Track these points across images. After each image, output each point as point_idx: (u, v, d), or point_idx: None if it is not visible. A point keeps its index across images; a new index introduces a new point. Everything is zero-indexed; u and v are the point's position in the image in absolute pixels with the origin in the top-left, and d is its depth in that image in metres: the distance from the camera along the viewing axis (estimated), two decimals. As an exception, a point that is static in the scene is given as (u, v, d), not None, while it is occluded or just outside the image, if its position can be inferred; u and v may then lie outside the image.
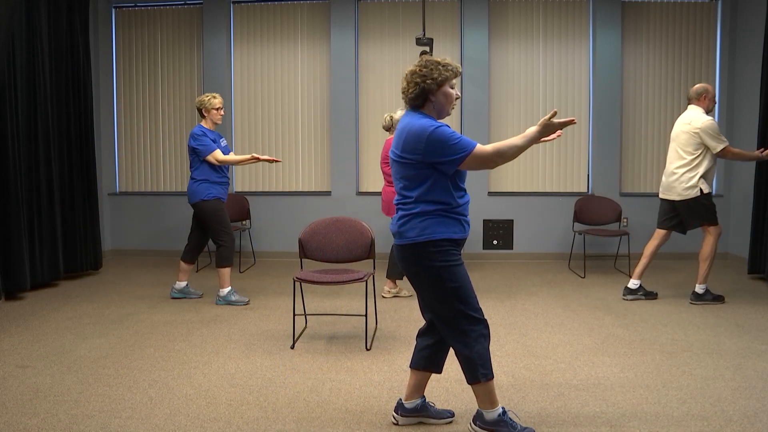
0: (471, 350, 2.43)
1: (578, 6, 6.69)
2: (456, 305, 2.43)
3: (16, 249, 4.90)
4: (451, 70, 2.48)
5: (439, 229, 2.40)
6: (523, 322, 4.26)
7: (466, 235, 2.51)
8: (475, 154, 2.35)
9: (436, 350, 2.61)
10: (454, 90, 2.52)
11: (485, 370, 2.44)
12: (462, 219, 2.48)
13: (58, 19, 5.59)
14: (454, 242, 2.45)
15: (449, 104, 2.52)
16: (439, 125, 2.39)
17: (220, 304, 4.75)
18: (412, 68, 2.47)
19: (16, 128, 4.97)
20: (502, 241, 6.75)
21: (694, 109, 4.65)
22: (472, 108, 6.64)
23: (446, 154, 2.35)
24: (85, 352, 3.62)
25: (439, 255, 2.40)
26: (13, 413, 2.77)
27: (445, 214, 2.42)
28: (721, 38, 6.59)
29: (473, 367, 2.44)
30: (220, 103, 4.75)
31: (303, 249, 3.94)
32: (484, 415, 2.52)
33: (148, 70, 6.97)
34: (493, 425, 2.50)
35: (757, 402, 2.87)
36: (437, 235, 2.40)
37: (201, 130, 4.67)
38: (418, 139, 2.36)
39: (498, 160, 2.38)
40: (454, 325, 2.45)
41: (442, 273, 2.41)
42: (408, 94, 2.47)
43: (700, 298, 4.68)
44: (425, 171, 2.40)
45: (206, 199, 4.68)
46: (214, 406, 2.87)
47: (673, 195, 4.69)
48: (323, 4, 6.80)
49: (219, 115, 4.75)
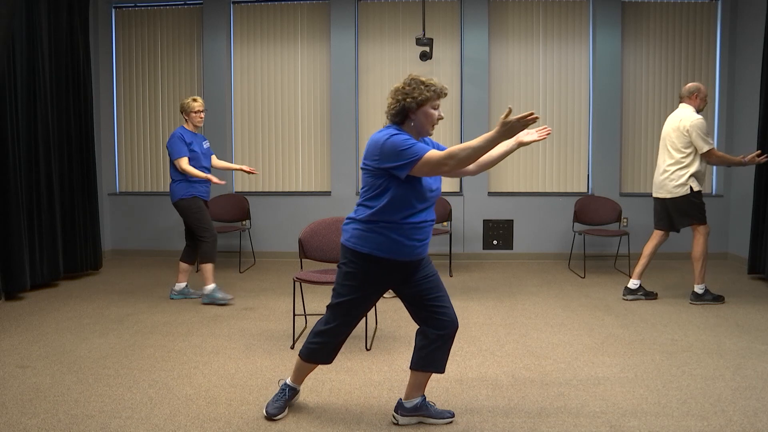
0: (306, 343, 2.70)
1: (578, 6, 6.69)
2: (333, 306, 2.61)
3: (16, 249, 4.90)
4: (433, 90, 2.48)
5: (365, 243, 2.49)
6: (523, 322, 4.26)
7: (398, 259, 2.50)
8: (425, 159, 2.36)
9: (433, 349, 2.60)
10: (437, 111, 2.52)
11: (304, 354, 2.70)
12: (399, 239, 2.47)
13: (58, 18, 5.58)
14: (376, 260, 2.49)
15: (429, 124, 2.52)
16: (396, 133, 2.43)
17: (206, 302, 4.76)
18: (397, 85, 2.51)
19: (16, 128, 4.97)
20: (502, 241, 6.75)
21: (685, 108, 4.65)
22: (472, 108, 6.64)
23: (398, 159, 2.38)
24: (85, 352, 3.62)
25: (351, 264, 2.53)
26: (13, 413, 2.77)
27: (378, 229, 2.47)
28: (721, 38, 6.59)
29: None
30: (199, 106, 4.79)
31: (303, 249, 3.94)
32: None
33: (148, 70, 6.97)
34: None
35: (757, 402, 2.87)
36: (360, 249, 2.50)
37: (179, 133, 4.74)
38: (376, 145, 2.44)
39: (450, 162, 2.33)
40: (328, 313, 2.64)
41: (342, 275, 2.56)
42: (389, 110, 2.51)
43: (700, 298, 4.68)
44: (382, 180, 2.45)
45: (184, 198, 4.74)
46: (214, 406, 2.86)
47: (664, 193, 4.70)
48: (323, 4, 6.80)
49: (198, 117, 4.80)
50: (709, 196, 6.68)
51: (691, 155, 4.56)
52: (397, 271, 2.56)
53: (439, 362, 2.64)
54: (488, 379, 3.19)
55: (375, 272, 2.52)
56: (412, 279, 2.60)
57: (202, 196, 4.81)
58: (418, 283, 2.60)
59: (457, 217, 6.66)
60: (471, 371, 3.31)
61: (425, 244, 2.57)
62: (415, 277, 2.60)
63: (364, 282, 2.54)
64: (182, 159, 4.68)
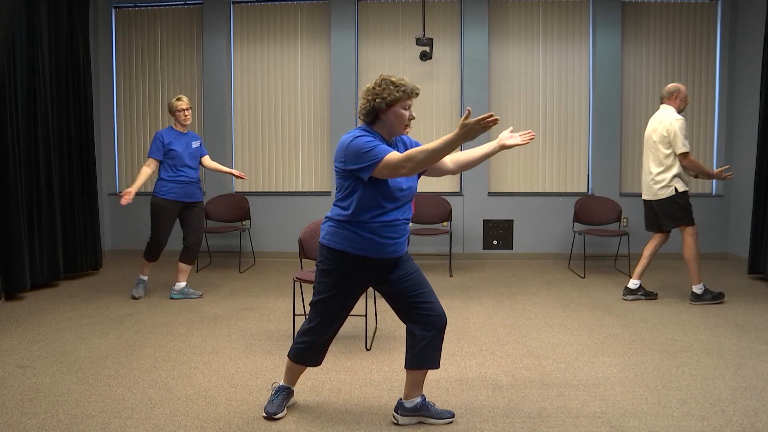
0: (294, 344, 2.74)
1: (578, 6, 6.69)
2: (313, 303, 2.63)
3: (16, 249, 4.90)
4: (403, 91, 2.48)
5: (338, 240, 2.52)
6: (523, 322, 4.26)
7: (371, 256, 2.51)
8: (384, 161, 2.38)
9: (423, 346, 2.60)
10: (408, 111, 2.51)
11: (292, 355, 2.74)
12: (370, 237, 2.49)
13: (58, 18, 5.58)
14: (348, 257, 2.52)
15: (400, 125, 2.52)
16: (360, 135, 2.45)
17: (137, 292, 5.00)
18: (368, 85, 2.53)
19: (16, 128, 4.97)
20: (502, 241, 6.76)
21: (666, 109, 4.68)
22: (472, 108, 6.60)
23: (360, 162, 2.41)
24: (85, 352, 3.62)
25: (326, 260, 2.57)
26: (13, 413, 2.77)
27: (349, 226, 2.50)
28: (721, 38, 6.59)
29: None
30: (184, 104, 4.83)
31: (303, 249, 3.94)
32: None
33: (148, 70, 6.97)
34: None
35: (757, 402, 2.87)
36: (332, 245, 2.53)
37: (160, 133, 4.87)
38: (342, 147, 2.49)
39: (407, 165, 2.34)
40: (311, 311, 2.67)
41: (320, 273, 2.60)
42: (361, 111, 2.53)
43: (700, 299, 4.68)
44: (349, 181, 2.49)
45: (156, 195, 4.84)
46: (214, 406, 2.87)
47: (650, 195, 4.73)
48: (323, 4, 6.80)
49: (183, 116, 4.84)
50: (709, 196, 6.70)
51: (672, 156, 4.58)
52: (372, 269, 2.57)
53: (432, 358, 2.62)
54: (488, 379, 3.19)
55: (349, 269, 2.55)
56: (390, 277, 2.60)
57: (172, 197, 4.82)
58: (399, 281, 2.60)
59: (457, 217, 6.66)
60: (471, 371, 3.31)
61: (400, 242, 2.57)
62: (394, 275, 2.60)
63: (340, 279, 2.56)
64: (149, 160, 4.84)
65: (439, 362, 2.66)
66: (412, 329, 2.62)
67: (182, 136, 4.87)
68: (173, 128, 4.89)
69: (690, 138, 6.74)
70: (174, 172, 4.82)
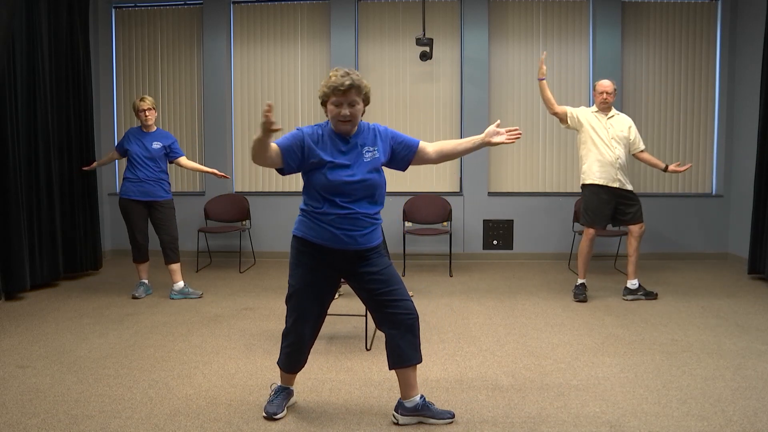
0: (280, 350, 2.77)
1: (578, 6, 6.69)
2: (287, 300, 2.66)
3: (16, 249, 4.90)
4: (330, 86, 2.46)
5: (300, 228, 2.60)
6: (523, 322, 4.26)
7: (326, 245, 2.53)
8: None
9: (396, 344, 2.61)
10: (339, 108, 2.47)
11: (281, 362, 2.78)
12: (327, 227, 2.52)
13: (58, 18, 5.58)
14: (310, 245, 2.56)
15: (335, 120, 2.52)
16: (307, 127, 2.57)
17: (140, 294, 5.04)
18: None
19: (16, 128, 4.97)
20: (502, 241, 6.75)
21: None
22: (472, 108, 6.64)
23: None
24: (85, 352, 3.62)
25: (293, 249, 2.62)
26: (13, 413, 2.77)
27: (309, 216, 2.57)
28: (721, 38, 6.59)
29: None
30: (145, 105, 4.88)
31: (303, 249, 3.93)
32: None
33: (148, 70, 6.97)
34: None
35: (757, 402, 2.87)
36: (295, 232, 2.61)
37: (129, 130, 5.02)
38: None
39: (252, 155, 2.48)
40: (287, 309, 2.69)
41: (290, 266, 2.65)
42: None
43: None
44: (304, 173, 2.59)
45: (119, 195, 5.01)
46: (214, 406, 2.87)
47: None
48: (323, 4, 6.80)
49: (144, 116, 4.88)
50: (709, 196, 6.69)
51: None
52: (336, 260, 2.57)
53: (409, 355, 2.62)
54: (488, 379, 3.19)
55: (310, 256, 2.57)
56: (359, 271, 2.60)
57: (128, 195, 4.90)
58: (368, 279, 2.59)
59: (457, 217, 6.66)
60: (471, 371, 3.31)
61: (360, 235, 2.54)
62: (363, 269, 2.59)
63: (308, 270, 2.58)
64: (108, 154, 5.26)
65: (420, 357, 2.66)
66: (383, 329, 2.65)
67: (144, 136, 4.91)
68: (140, 128, 4.96)
69: (690, 138, 6.75)
70: (130, 171, 4.92)
